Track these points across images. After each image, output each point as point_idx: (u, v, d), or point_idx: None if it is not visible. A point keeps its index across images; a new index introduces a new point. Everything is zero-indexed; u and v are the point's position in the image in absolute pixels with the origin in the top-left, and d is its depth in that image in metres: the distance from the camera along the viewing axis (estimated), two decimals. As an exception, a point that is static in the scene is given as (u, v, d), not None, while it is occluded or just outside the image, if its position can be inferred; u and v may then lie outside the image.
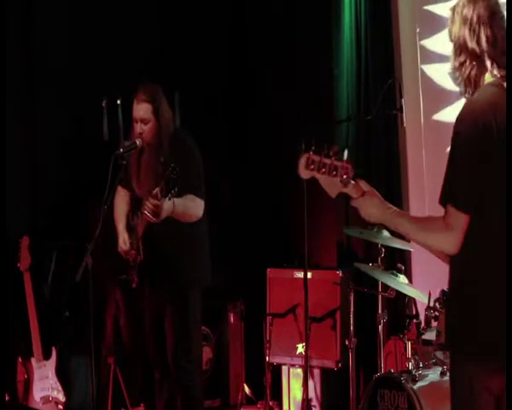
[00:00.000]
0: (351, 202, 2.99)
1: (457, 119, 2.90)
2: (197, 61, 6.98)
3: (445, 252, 2.96)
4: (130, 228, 5.20)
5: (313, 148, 2.91)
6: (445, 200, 2.92)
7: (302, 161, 2.93)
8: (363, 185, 2.98)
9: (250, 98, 7.17)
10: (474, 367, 2.87)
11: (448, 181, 2.92)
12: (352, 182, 2.92)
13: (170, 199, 4.75)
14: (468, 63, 2.95)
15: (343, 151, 2.89)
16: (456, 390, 2.96)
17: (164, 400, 5.28)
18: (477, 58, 2.94)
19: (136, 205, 5.15)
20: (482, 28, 2.93)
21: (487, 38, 2.93)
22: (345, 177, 2.87)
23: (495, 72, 2.94)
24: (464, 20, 2.96)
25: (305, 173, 2.94)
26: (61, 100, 6.46)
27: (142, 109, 5.06)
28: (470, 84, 2.97)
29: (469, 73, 2.95)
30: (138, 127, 5.08)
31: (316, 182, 5.53)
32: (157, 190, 4.73)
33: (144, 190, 5.10)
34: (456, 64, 2.98)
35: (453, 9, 3.02)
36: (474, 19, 2.94)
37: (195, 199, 5.05)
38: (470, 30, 2.94)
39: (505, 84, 2.92)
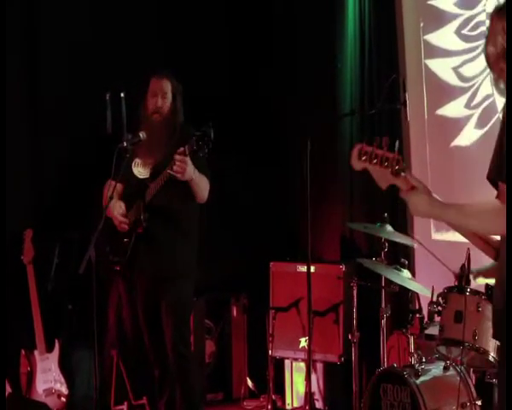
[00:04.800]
0: (400, 194, 2.93)
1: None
2: (197, 57, 6.97)
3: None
4: (127, 204, 5.23)
5: (366, 139, 2.91)
6: (494, 175, 2.86)
7: (354, 153, 2.91)
8: (413, 180, 2.91)
9: (252, 91, 7.14)
10: None
11: (497, 156, 2.85)
12: (403, 174, 2.88)
13: (199, 153, 4.84)
14: (505, 68, 2.95)
15: (395, 143, 2.88)
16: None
17: (164, 400, 5.30)
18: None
19: (138, 190, 5.18)
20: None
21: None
22: (396, 168, 2.85)
23: None
24: (503, 31, 2.96)
25: (356, 164, 2.91)
26: (64, 93, 6.45)
27: (163, 83, 5.20)
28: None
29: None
30: (159, 101, 5.17)
31: (316, 176, 5.55)
32: (185, 147, 4.84)
33: (152, 162, 5.18)
34: (498, 71, 2.97)
35: (493, 20, 2.99)
36: (502, 31, 2.95)
37: (206, 179, 5.15)
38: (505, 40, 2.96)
39: None
